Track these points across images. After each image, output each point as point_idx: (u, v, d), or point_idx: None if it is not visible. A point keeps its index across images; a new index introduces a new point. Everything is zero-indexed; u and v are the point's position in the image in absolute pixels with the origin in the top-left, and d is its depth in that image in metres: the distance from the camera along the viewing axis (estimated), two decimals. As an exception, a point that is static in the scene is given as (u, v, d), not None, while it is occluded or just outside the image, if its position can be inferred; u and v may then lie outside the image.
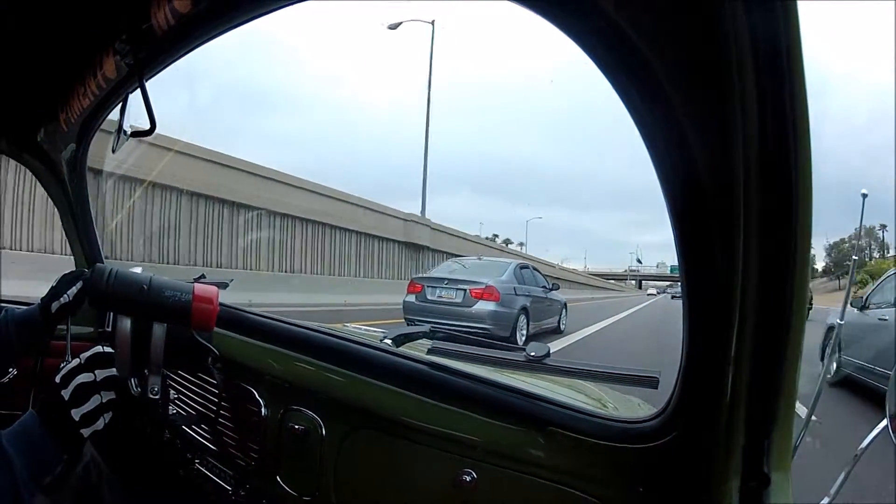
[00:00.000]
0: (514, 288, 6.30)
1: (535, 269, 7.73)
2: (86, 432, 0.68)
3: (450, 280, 6.28)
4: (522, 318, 6.16)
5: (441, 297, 6.10)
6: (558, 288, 7.85)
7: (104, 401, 0.69)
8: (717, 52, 0.40)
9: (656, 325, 10.84)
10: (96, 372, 0.70)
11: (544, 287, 7.25)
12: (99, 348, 0.73)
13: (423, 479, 0.75)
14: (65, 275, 0.94)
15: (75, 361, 0.72)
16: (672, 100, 0.43)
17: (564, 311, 7.85)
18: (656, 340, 7.50)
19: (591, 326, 9.02)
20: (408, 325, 5.84)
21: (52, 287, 0.92)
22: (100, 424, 0.69)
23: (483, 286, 6.00)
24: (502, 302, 5.98)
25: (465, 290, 6.02)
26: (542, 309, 6.81)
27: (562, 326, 7.46)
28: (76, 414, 0.67)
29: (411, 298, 6.40)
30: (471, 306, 5.89)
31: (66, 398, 0.68)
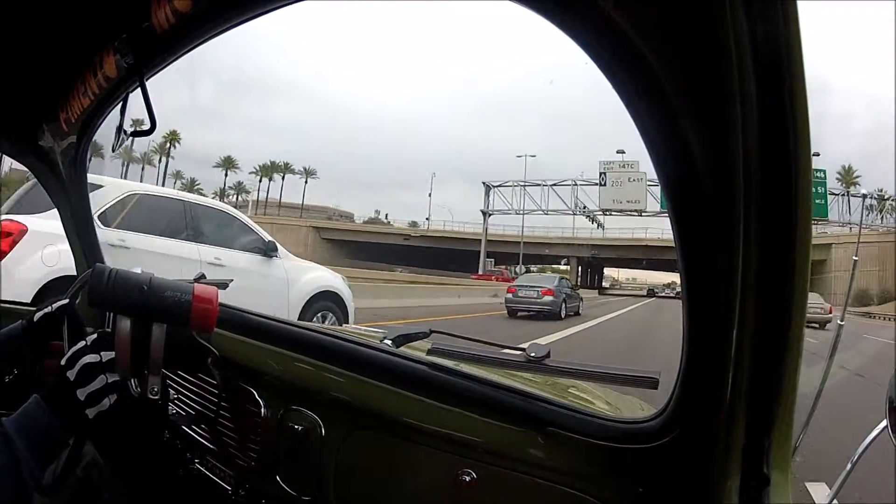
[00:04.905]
0: (559, 289, 12.50)
1: (566, 279, 15.62)
2: (91, 412, 0.68)
3: (529, 285, 12.50)
4: (563, 304, 12.32)
5: (526, 294, 12.20)
6: (578, 287, 15.45)
7: (109, 381, 0.69)
8: (718, 52, 0.40)
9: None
10: (102, 353, 0.70)
11: (571, 288, 14.38)
12: (103, 330, 0.73)
13: (423, 480, 0.75)
14: (51, 300, 0.95)
15: (81, 343, 0.72)
16: (672, 100, 0.43)
17: (581, 302, 14.73)
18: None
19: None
20: (508, 312, 12.03)
21: (38, 305, 0.93)
22: (105, 404, 0.68)
23: (547, 288, 12.18)
24: (555, 296, 12.06)
25: (538, 290, 12.09)
26: (570, 300, 13.26)
27: (581, 312, 13.66)
28: (81, 394, 0.67)
29: (510, 296, 12.43)
30: (541, 298, 11.93)
31: (72, 379, 0.68)
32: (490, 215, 37.48)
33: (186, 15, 0.73)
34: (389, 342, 0.95)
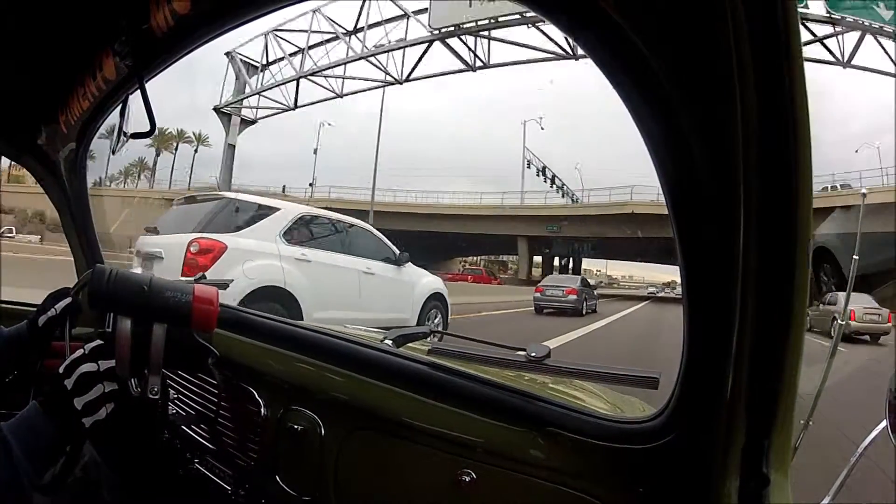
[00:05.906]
0: (580, 288, 13.58)
1: (586, 279, 16.78)
2: (88, 421, 0.67)
3: (555, 285, 13.46)
4: (584, 302, 13.22)
5: (553, 293, 13.10)
6: (597, 288, 17.32)
7: (106, 390, 0.69)
8: (717, 52, 0.40)
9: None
10: (100, 362, 0.70)
11: (590, 287, 15.49)
12: (104, 331, 0.73)
13: (423, 480, 0.74)
14: (51, 293, 0.95)
15: (79, 352, 0.71)
16: (672, 99, 0.43)
17: (598, 300, 15.78)
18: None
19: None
20: (535, 309, 12.88)
21: (40, 305, 0.94)
22: (102, 414, 0.68)
23: (570, 287, 13.30)
24: (577, 294, 13.10)
25: (562, 289, 13.12)
26: (590, 298, 14.29)
27: (596, 309, 14.60)
28: (79, 403, 0.67)
29: (538, 295, 13.34)
30: (566, 297, 12.93)
31: (70, 388, 0.68)
32: (251, 122, 20.21)
33: (186, 16, 0.73)
34: (390, 342, 0.95)
